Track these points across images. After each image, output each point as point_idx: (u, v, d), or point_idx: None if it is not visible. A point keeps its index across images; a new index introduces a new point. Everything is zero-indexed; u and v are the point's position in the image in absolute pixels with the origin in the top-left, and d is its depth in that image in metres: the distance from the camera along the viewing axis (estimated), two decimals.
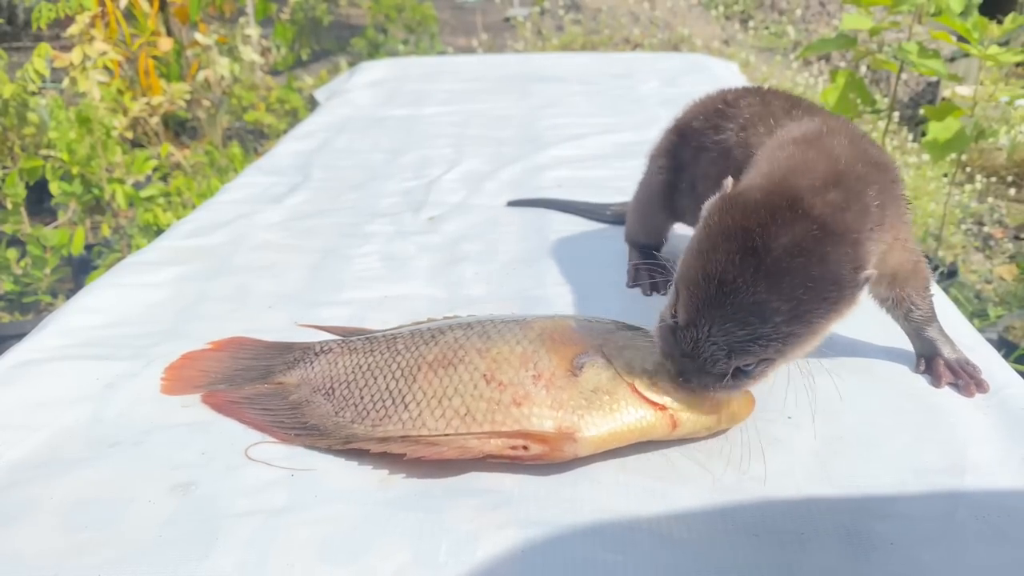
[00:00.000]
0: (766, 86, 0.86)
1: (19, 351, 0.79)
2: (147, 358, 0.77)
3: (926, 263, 0.73)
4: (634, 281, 0.93)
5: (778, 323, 0.55)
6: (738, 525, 0.56)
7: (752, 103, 0.79)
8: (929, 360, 0.74)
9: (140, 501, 0.58)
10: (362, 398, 0.66)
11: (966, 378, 0.71)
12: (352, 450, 0.63)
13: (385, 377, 0.66)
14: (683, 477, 0.61)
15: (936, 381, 0.72)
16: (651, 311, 0.72)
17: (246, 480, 0.60)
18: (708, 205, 0.61)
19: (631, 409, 0.61)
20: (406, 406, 0.63)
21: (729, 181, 0.60)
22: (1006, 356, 1.43)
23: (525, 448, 0.59)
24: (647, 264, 0.91)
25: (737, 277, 0.55)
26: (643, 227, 0.97)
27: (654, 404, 0.61)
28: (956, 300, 1.58)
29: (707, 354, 0.57)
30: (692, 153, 0.85)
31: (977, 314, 1.89)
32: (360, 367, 0.68)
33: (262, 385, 0.71)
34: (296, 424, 0.66)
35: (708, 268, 0.56)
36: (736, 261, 0.55)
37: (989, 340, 0.85)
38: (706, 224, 0.59)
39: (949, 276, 2.16)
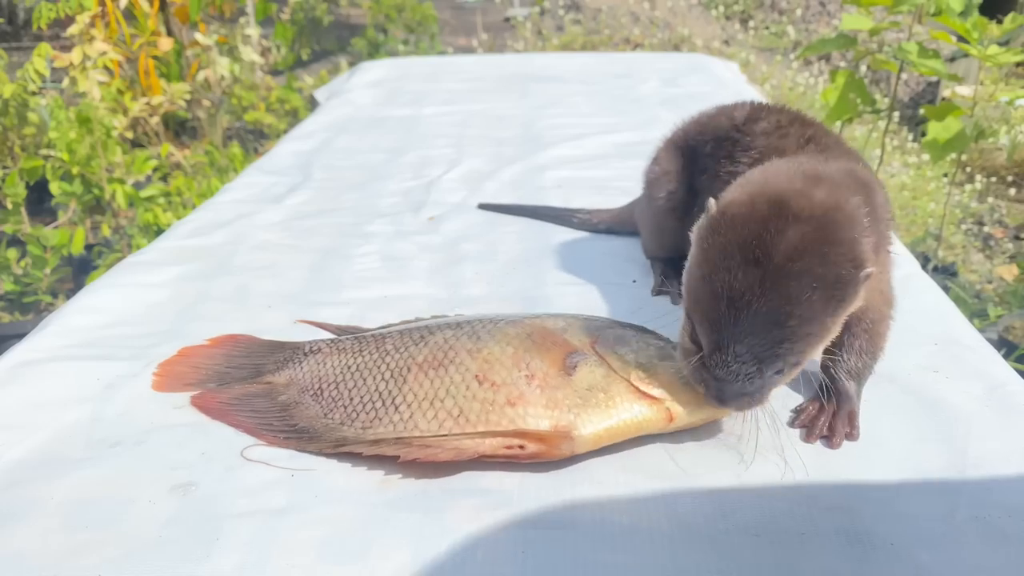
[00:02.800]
0: (777, 104, 0.84)
1: (19, 351, 0.79)
2: (147, 358, 0.77)
3: (891, 325, 0.70)
4: (659, 289, 0.91)
5: (793, 327, 0.55)
6: (738, 525, 0.56)
7: (767, 130, 0.77)
8: (815, 398, 0.68)
9: (140, 501, 0.58)
10: (351, 399, 0.65)
11: (824, 428, 0.65)
12: (345, 453, 0.62)
13: (375, 378, 0.66)
14: (683, 477, 0.61)
15: (798, 417, 0.67)
16: (652, 310, 0.72)
17: (246, 480, 0.60)
18: (697, 229, 0.61)
19: (627, 405, 0.61)
20: (396, 408, 0.63)
21: (712, 202, 0.61)
22: (1006, 356, 1.43)
23: (521, 447, 0.59)
24: (673, 272, 0.89)
25: (746, 292, 0.55)
26: (659, 244, 0.95)
27: (650, 398, 0.61)
28: (956, 300, 1.57)
29: (740, 373, 0.57)
30: (705, 180, 0.83)
31: (977, 314, 1.89)
32: (349, 367, 0.68)
33: (251, 385, 0.71)
34: (285, 427, 0.65)
35: (715, 289, 0.56)
36: (740, 276, 0.55)
37: (989, 340, 0.85)
38: (701, 247, 0.60)
39: (949, 276, 2.16)
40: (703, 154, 0.84)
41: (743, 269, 0.55)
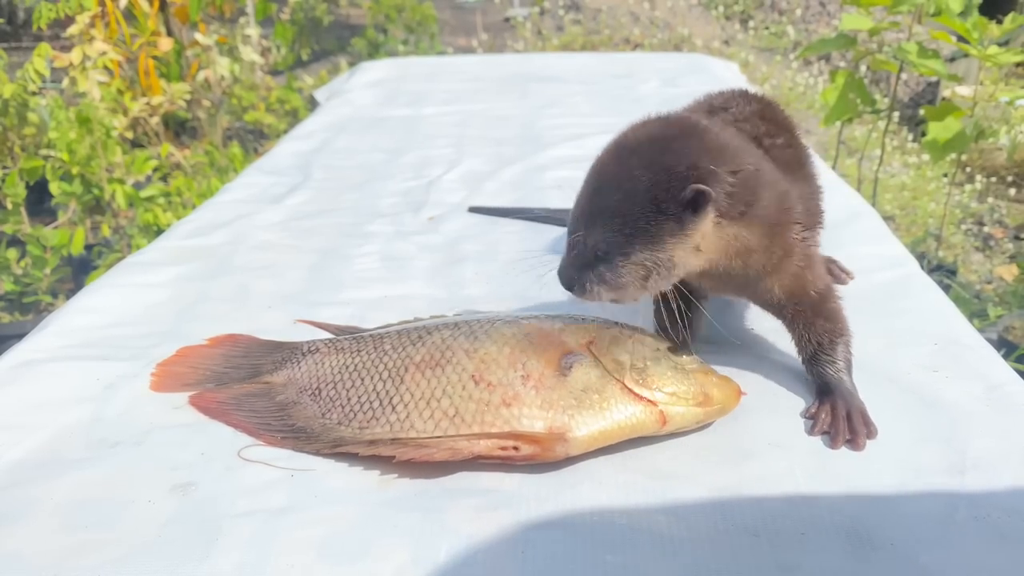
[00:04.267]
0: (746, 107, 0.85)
1: (19, 351, 0.79)
2: (147, 359, 0.77)
3: (841, 305, 0.70)
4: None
5: (618, 201, 0.59)
6: (738, 525, 0.56)
7: None
8: (821, 401, 0.68)
9: (140, 501, 0.58)
10: (349, 399, 0.65)
11: (845, 431, 0.64)
12: (343, 453, 0.62)
13: (372, 378, 0.66)
14: (683, 477, 0.61)
15: (811, 427, 0.66)
16: (651, 311, 0.72)
17: (246, 480, 0.60)
18: None
19: (621, 407, 0.61)
20: (394, 408, 0.63)
21: None
22: (1006, 356, 1.43)
23: (516, 448, 0.59)
24: None
25: (596, 173, 0.62)
26: None
27: (644, 401, 0.61)
28: (956, 300, 1.57)
29: (573, 248, 0.62)
30: None
31: (977, 314, 1.89)
32: (347, 367, 0.68)
33: (250, 385, 0.71)
34: (283, 427, 0.65)
35: (586, 177, 0.63)
36: (604, 157, 0.63)
37: (989, 340, 0.85)
38: None
39: (949, 276, 2.16)
40: None
41: (603, 157, 0.63)
